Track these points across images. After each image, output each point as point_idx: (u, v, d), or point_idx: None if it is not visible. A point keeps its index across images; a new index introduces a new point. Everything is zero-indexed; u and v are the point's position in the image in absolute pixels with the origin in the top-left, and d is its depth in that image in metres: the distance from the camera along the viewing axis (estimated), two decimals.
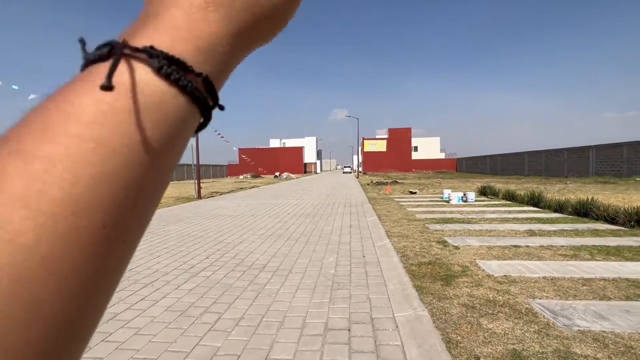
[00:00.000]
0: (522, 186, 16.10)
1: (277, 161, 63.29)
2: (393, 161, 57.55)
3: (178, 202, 12.47)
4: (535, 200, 9.05)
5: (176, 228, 6.91)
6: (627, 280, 3.32)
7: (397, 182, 22.89)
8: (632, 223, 5.89)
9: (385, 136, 61.60)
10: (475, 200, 10.43)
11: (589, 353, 2.10)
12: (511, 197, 10.43)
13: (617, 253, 4.28)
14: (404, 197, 12.36)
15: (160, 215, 9.04)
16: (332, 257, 4.50)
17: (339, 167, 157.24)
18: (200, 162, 15.37)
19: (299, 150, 66.81)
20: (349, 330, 2.51)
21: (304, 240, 5.57)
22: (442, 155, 63.13)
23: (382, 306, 2.92)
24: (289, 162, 63.96)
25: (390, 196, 12.97)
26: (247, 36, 0.21)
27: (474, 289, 3.18)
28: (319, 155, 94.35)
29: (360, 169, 54.44)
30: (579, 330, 2.38)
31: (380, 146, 59.84)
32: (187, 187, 22.64)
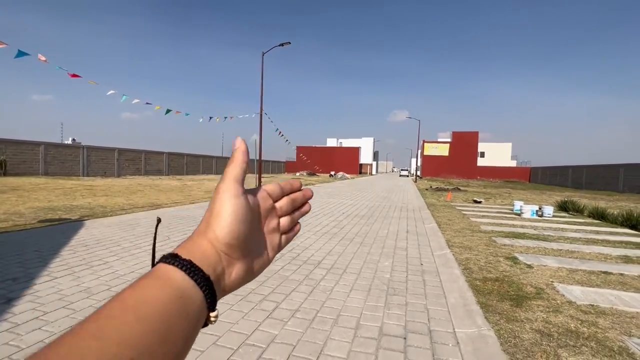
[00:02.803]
0: (615, 204, 13.87)
1: (333, 160, 63.81)
2: (455, 166, 53.90)
3: None
4: (633, 222, 7.70)
5: None
6: None
7: (459, 189, 21.40)
8: None
9: (448, 140, 57.89)
10: (553, 216, 9.26)
11: None
12: (600, 216, 9.03)
13: None
14: (467, 206, 11.51)
15: None
16: (388, 262, 4.39)
17: (395, 169, 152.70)
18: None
19: (356, 151, 66.47)
20: (404, 338, 2.42)
21: (358, 242, 5.53)
22: (513, 163, 57.23)
23: (441, 319, 2.76)
24: (345, 161, 64.03)
25: (452, 204, 12.19)
26: (230, 285, 0.33)
27: (551, 315, 2.82)
28: (375, 156, 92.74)
29: (418, 172, 52.20)
30: None
31: (442, 150, 56.45)
32: (249, 180, 24.10)
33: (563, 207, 10.97)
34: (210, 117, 16.15)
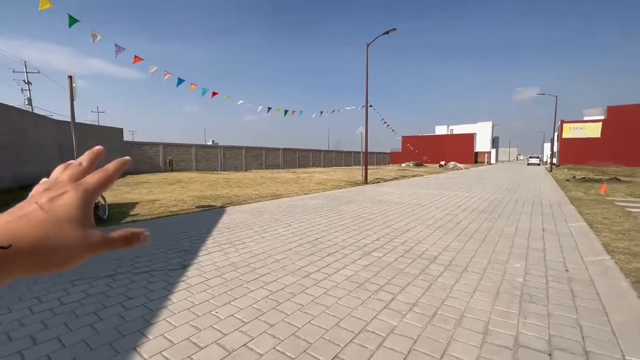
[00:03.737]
0: None
1: (443, 149, 58.90)
2: (611, 151, 41.96)
3: (347, 186, 13.78)
4: None
5: (348, 209, 7.68)
6: None
7: (618, 179, 16.67)
8: None
9: (601, 117, 45.32)
10: None
11: None
12: None
13: None
14: (633, 201, 8.88)
15: (335, 196, 10.28)
16: (519, 264, 3.82)
17: (521, 157, 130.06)
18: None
19: (470, 138, 59.53)
20: (549, 354, 2.07)
21: (479, 238, 4.98)
22: None
23: (603, 340, 2.24)
24: (457, 150, 58.22)
25: (607, 198, 9.62)
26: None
27: None
28: (494, 142, 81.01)
29: (554, 160, 43.16)
30: None
31: (591, 130, 44.62)
32: (355, 172, 24.63)
33: None
34: (321, 112, 17.26)
